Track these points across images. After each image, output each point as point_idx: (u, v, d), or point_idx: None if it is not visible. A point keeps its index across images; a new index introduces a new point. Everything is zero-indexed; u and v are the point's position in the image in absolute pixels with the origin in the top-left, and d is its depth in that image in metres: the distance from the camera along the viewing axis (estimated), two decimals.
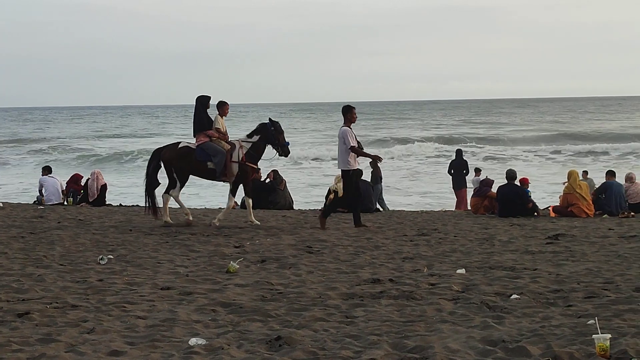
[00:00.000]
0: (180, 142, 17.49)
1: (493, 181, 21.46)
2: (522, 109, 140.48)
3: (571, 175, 19.85)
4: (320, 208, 22.40)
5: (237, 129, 60.46)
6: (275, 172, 24.53)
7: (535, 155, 52.72)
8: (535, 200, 20.36)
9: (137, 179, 35.67)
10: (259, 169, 18.60)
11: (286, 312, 8.19)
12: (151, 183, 17.25)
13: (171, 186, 17.04)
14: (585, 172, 24.60)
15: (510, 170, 20.73)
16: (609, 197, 19.58)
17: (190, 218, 17.10)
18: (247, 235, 15.10)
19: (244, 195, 17.80)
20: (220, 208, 22.47)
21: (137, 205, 24.87)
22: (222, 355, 6.54)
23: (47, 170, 25.37)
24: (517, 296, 8.83)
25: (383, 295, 9.02)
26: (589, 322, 7.32)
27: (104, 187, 23.93)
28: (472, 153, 51.31)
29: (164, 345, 6.86)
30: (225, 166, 16.56)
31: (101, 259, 11.76)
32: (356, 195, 16.54)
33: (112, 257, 12.10)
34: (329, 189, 21.89)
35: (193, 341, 6.95)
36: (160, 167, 17.18)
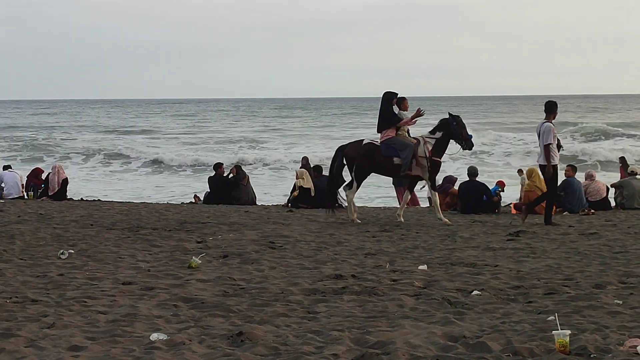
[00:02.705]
0: (364, 139, 17.30)
1: (456, 178, 21.57)
2: (478, 106, 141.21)
3: (532, 172, 19.96)
4: (283, 204, 22.41)
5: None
6: (238, 167, 24.49)
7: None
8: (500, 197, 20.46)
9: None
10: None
11: (248, 308, 8.18)
12: (336, 181, 17.04)
13: (349, 185, 16.92)
14: (520, 171, 24.24)
15: (471, 167, 20.85)
16: (571, 195, 19.70)
17: (358, 220, 16.75)
18: (210, 230, 15.06)
19: (428, 190, 17.27)
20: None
21: (98, 200, 24.75)
22: (183, 350, 6.52)
23: (7, 168, 25.40)
24: (478, 292, 8.89)
25: (345, 291, 9.04)
26: (549, 318, 7.39)
27: (65, 181, 23.79)
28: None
29: (125, 341, 6.83)
30: (411, 160, 16.43)
31: (62, 253, 11.66)
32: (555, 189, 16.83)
33: (72, 251, 12.00)
34: (294, 185, 21.92)
35: (154, 336, 6.91)
36: (344, 165, 16.95)
